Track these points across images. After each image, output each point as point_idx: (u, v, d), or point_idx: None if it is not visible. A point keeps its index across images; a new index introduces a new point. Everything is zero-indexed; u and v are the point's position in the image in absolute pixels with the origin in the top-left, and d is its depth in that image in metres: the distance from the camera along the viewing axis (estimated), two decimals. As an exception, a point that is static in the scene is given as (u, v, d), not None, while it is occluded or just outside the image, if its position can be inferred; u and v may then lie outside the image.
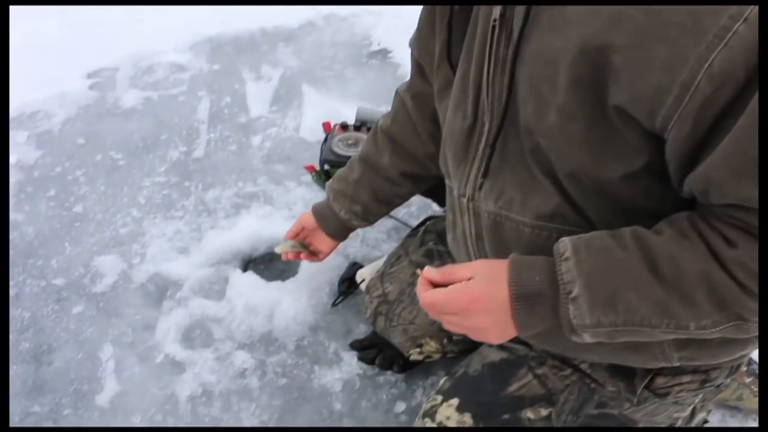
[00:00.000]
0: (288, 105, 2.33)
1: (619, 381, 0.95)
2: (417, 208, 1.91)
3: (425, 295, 0.79)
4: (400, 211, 1.89)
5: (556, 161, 0.73)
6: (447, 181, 0.97)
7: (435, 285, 0.79)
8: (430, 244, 1.30)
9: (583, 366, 0.97)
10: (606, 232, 0.72)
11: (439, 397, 1.04)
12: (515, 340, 0.97)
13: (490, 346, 1.08)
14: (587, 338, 0.71)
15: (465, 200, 0.89)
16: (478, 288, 0.75)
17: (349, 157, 1.57)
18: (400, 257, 1.32)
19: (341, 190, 1.28)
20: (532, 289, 0.73)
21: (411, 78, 1.16)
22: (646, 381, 0.94)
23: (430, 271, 0.80)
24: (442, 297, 0.77)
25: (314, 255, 1.40)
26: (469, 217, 0.90)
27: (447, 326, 0.80)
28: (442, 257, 1.25)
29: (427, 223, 1.38)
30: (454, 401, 1.01)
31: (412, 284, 1.24)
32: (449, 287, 0.77)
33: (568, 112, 0.68)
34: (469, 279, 0.76)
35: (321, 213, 1.34)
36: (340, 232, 1.35)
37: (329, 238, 1.36)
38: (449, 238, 1.05)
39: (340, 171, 1.30)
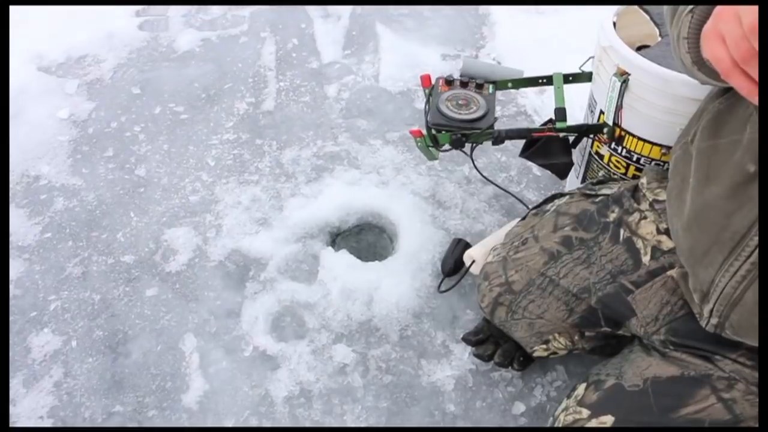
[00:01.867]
0: (363, 48, 2.07)
1: None
2: (517, 173, 1.69)
3: None
4: (500, 176, 1.67)
5: None
6: None
7: None
8: (567, 230, 1.09)
9: None
10: None
11: (584, 411, 0.91)
12: (693, 354, 0.88)
13: (649, 355, 0.93)
14: None
15: None
16: None
17: (461, 120, 1.32)
18: (526, 241, 1.12)
19: None
20: None
21: None
22: None
23: None
24: None
25: None
26: None
27: None
28: (585, 245, 1.04)
29: (557, 202, 1.16)
30: (608, 419, 0.88)
31: (543, 275, 1.06)
32: None
33: None
34: None
35: None
36: None
37: None
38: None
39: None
